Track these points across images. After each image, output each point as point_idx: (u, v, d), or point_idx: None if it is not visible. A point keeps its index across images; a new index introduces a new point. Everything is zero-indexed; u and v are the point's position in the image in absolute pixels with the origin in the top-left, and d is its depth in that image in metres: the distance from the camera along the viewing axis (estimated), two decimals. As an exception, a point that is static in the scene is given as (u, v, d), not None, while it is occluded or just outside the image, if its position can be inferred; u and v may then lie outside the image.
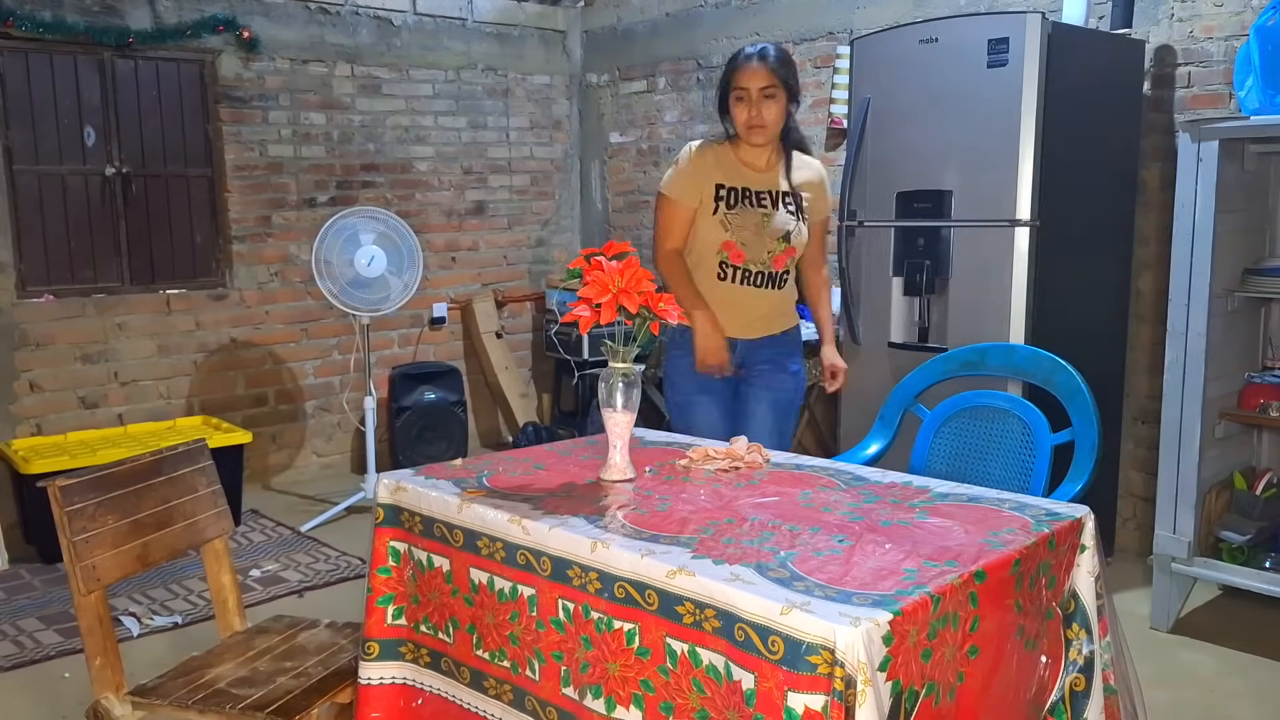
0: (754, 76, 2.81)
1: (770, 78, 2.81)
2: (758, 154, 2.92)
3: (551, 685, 1.66)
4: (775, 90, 2.82)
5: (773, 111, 2.83)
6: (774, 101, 2.82)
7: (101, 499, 2.05)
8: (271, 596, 3.76)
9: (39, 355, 4.63)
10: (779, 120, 2.86)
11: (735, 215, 2.89)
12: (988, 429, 2.55)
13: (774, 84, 2.81)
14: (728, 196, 2.90)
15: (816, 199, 3.00)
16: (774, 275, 2.93)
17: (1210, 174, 3.18)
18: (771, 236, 2.90)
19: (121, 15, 4.68)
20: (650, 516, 1.71)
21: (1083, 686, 1.67)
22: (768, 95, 2.81)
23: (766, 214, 2.90)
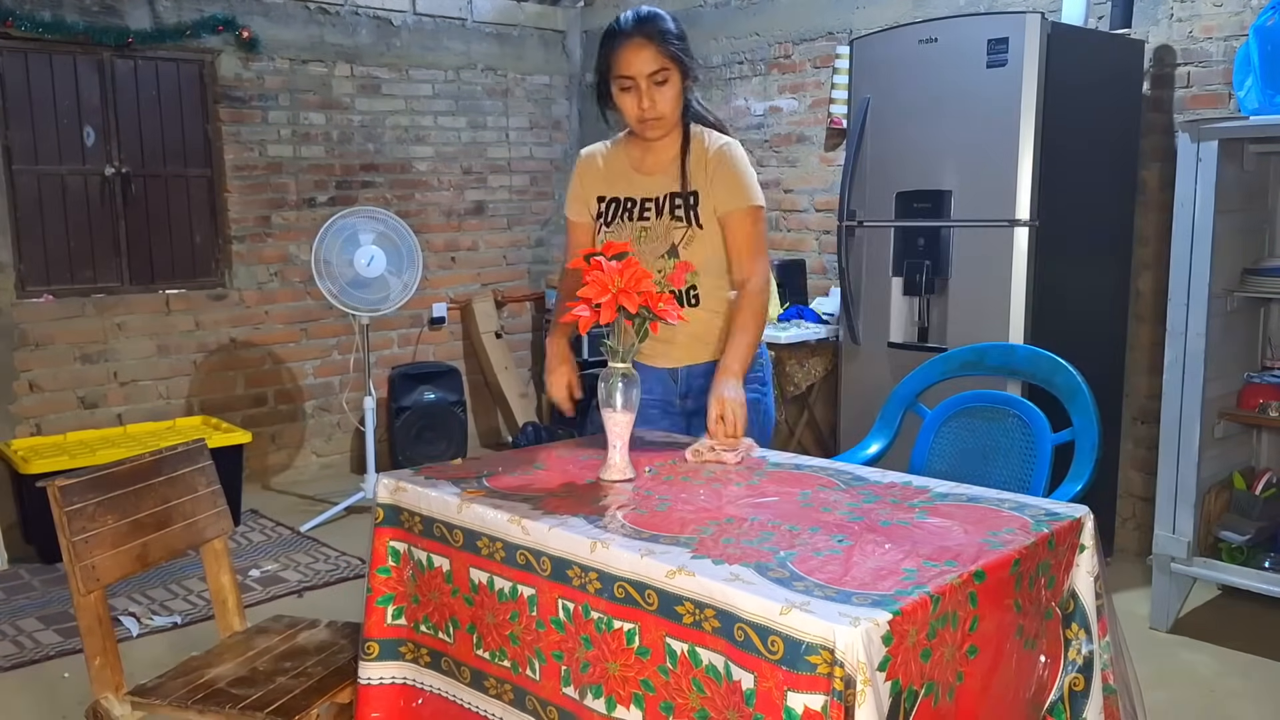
0: (639, 59, 2.27)
1: (659, 58, 2.27)
2: (655, 150, 2.41)
3: (552, 685, 1.66)
4: (668, 73, 2.29)
5: (668, 98, 2.31)
6: (668, 86, 2.30)
7: (101, 499, 2.05)
8: (271, 596, 3.76)
9: (38, 355, 4.63)
10: (676, 106, 2.34)
11: (613, 234, 2.42)
12: (988, 429, 2.55)
13: (665, 65, 2.28)
14: (607, 211, 2.45)
15: (718, 190, 2.35)
16: (677, 294, 2.37)
17: (1210, 174, 3.18)
18: (652, 254, 2.37)
19: (121, 15, 4.68)
20: (650, 516, 1.71)
21: (1082, 686, 1.67)
22: (659, 81, 2.28)
23: (645, 228, 2.39)
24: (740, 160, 2.38)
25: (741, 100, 5.36)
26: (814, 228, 5.09)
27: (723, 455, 2.09)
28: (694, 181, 2.37)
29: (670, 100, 2.32)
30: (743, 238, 2.36)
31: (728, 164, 2.36)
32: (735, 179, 2.36)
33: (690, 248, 2.36)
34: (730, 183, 2.35)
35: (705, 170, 2.36)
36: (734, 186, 2.35)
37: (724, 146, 2.39)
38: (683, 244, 2.36)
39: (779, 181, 5.23)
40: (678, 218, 2.37)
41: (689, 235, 2.37)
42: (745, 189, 2.36)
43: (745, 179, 2.36)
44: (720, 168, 2.36)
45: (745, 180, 2.37)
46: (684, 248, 2.36)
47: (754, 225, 2.37)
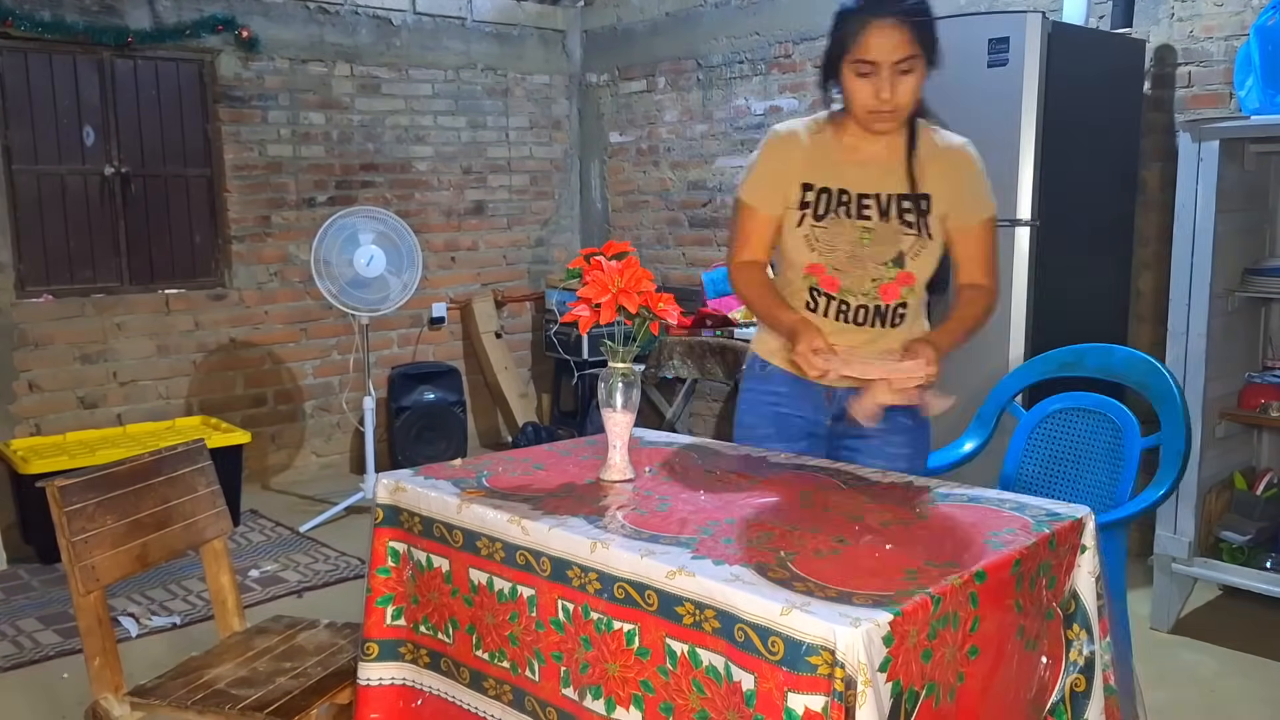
0: (888, 42, 1.97)
1: (910, 44, 1.98)
2: (874, 139, 2.11)
3: (551, 686, 1.65)
4: (915, 61, 2.00)
5: (908, 89, 2.02)
6: (911, 76, 2.01)
7: (100, 499, 2.05)
8: (270, 597, 3.76)
9: (38, 355, 4.63)
10: (915, 94, 2.05)
11: (824, 229, 2.12)
12: (1079, 430, 2.56)
13: (915, 53, 1.99)
14: (816, 202, 2.13)
15: (957, 198, 2.10)
16: (882, 310, 2.13)
17: (1210, 174, 3.18)
18: (875, 260, 2.10)
19: (121, 15, 4.68)
20: (650, 517, 1.70)
21: (1083, 687, 1.66)
22: (904, 70, 2.00)
23: (868, 228, 2.10)
24: (980, 164, 2.14)
25: (742, 100, 5.36)
26: (814, 227, 5.08)
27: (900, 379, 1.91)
28: (924, 183, 2.10)
29: (911, 92, 2.04)
30: (986, 247, 2.14)
31: (969, 168, 2.11)
32: (979, 186, 2.12)
33: (918, 260, 2.10)
34: (973, 190, 2.11)
35: (939, 172, 2.10)
36: (977, 194, 2.12)
37: (963, 147, 2.14)
38: (910, 254, 2.10)
39: (779, 181, 5.22)
40: (907, 223, 2.09)
41: (918, 246, 2.10)
42: (988, 197, 2.14)
43: (987, 186, 2.14)
44: (960, 171, 2.11)
45: (987, 187, 2.14)
46: (911, 259, 2.10)
47: (992, 234, 2.16)
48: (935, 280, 2.18)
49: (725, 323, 4.66)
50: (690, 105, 5.63)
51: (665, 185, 5.82)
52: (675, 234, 5.80)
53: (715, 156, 5.52)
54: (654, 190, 5.89)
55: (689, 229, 5.73)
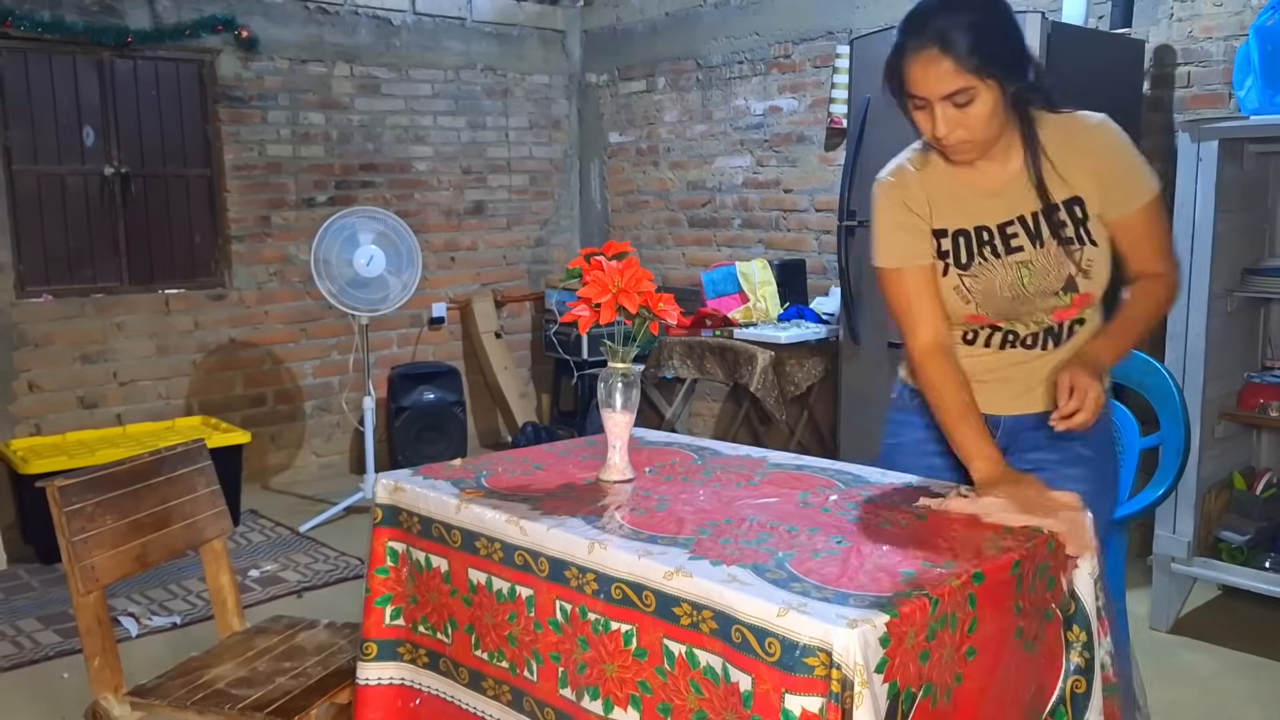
0: (932, 76, 1.69)
1: (958, 74, 1.67)
2: (992, 160, 1.82)
3: (549, 686, 1.66)
4: (973, 91, 1.68)
5: (975, 120, 1.71)
6: (975, 105, 1.70)
7: (100, 499, 2.05)
8: (270, 597, 3.76)
9: (38, 355, 4.63)
10: (990, 121, 1.72)
11: (974, 278, 1.84)
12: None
13: (967, 85, 1.68)
14: (955, 249, 1.85)
15: (1107, 188, 1.79)
16: (1055, 331, 1.87)
17: (1210, 174, 3.18)
18: (1044, 292, 1.82)
19: (120, 15, 4.68)
20: (648, 517, 1.71)
21: (1083, 688, 1.66)
22: (959, 104, 1.70)
23: (1024, 263, 1.80)
24: (1126, 142, 1.81)
25: (741, 100, 5.36)
26: (814, 227, 5.09)
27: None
28: (1066, 185, 1.80)
29: (981, 121, 1.72)
30: (1158, 231, 1.83)
31: (1114, 149, 1.79)
32: (1132, 167, 1.80)
33: (1093, 274, 1.81)
34: (1127, 173, 1.79)
35: (1081, 164, 1.79)
36: (1133, 176, 1.79)
37: (1101, 125, 1.81)
38: (1082, 273, 1.81)
39: (779, 181, 5.23)
40: (1067, 239, 1.79)
41: (1088, 259, 1.80)
42: (1146, 175, 1.80)
43: (1141, 165, 1.81)
44: (1105, 157, 1.78)
45: (1142, 164, 1.81)
46: (1084, 278, 1.81)
47: (1161, 215, 1.84)
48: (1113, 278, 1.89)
49: (725, 323, 4.66)
50: (690, 105, 5.63)
51: (665, 185, 5.82)
52: (675, 234, 5.80)
53: (715, 157, 5.52)
54: (654, 190, 5.89)
55: (689, 229, 5.73)
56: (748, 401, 5.09)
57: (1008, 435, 1.91)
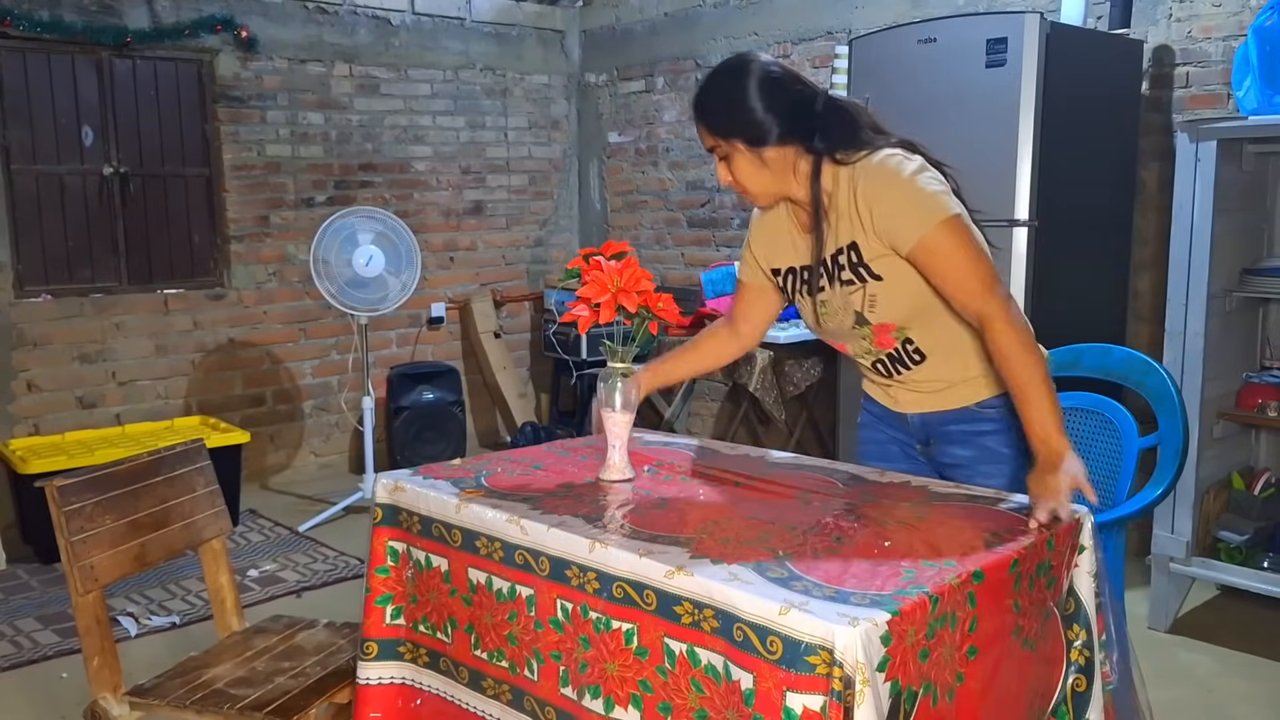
0: (699, 134, 1.95)
1: (708, 138, 1.91)
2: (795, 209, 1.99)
3: (550, 685, 1.66)
4: (724, 149, 1.89)
5: (739, 172, 1.90)
6: (734, 159, 1.89)
7: (99, 499, 2.05)
8: (269, 596, 3.76)
9: (37, 355, 4.63)
10: (755, 175, 1.89)
11: (803, 313, 2.07)
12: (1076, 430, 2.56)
13: (715, 145, 1.90)
14: (785, 284, 2.07)
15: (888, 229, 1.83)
16: (895, 356, 1.98)
17: (1208, 174, 3.18)
18: (841, 327, 1.99)
19: (119, 15, 4.68)
20: (649, 516, 1.71)
21: (1084, 687, 1.66)
22: (721, 157, 1.92)
23: (824, 301, 1.97)
24: (892, 177, 1.83)
25: (740, 100, 5.35)
26: (813, 228, 5.08)
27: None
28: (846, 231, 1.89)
29: (745, 174, 1.90)
30: (945, 268, 1.81)
31: (885, 190, 1.82)
32: (904, 205, 1.81)
33: (878, 307, 1.91)
34: (896, 213, 1.81)
35: (858, 211, 1.86)
36: (903, 215, 1.81)
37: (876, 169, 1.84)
38: (866, 308, 1.91)
39: (778, 181, 5.22)
40: (846, 280, 1.91)
41: (867, 295, 1.90)
42: (920, 211, 1.80)
43: (911, 197, 1.81)
44: (877, 198, 1.83)
45: (912, 198, 1.81)
46: (870, 310, 1.91)
47: (953, 244, 1.79)
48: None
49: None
50: (689, 105, 5.62)
51: (664, 185, 5.82)
52: (674, 234, 5.81)
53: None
54: (652, 190, 5.89)
55: (688, 229, 5.73)
56: (747, 401, 5.09)
57: (924, 429, 2.05)
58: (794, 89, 1.87)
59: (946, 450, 2.02)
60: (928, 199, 1.81)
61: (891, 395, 2.06)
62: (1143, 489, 2.50)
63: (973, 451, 1.98)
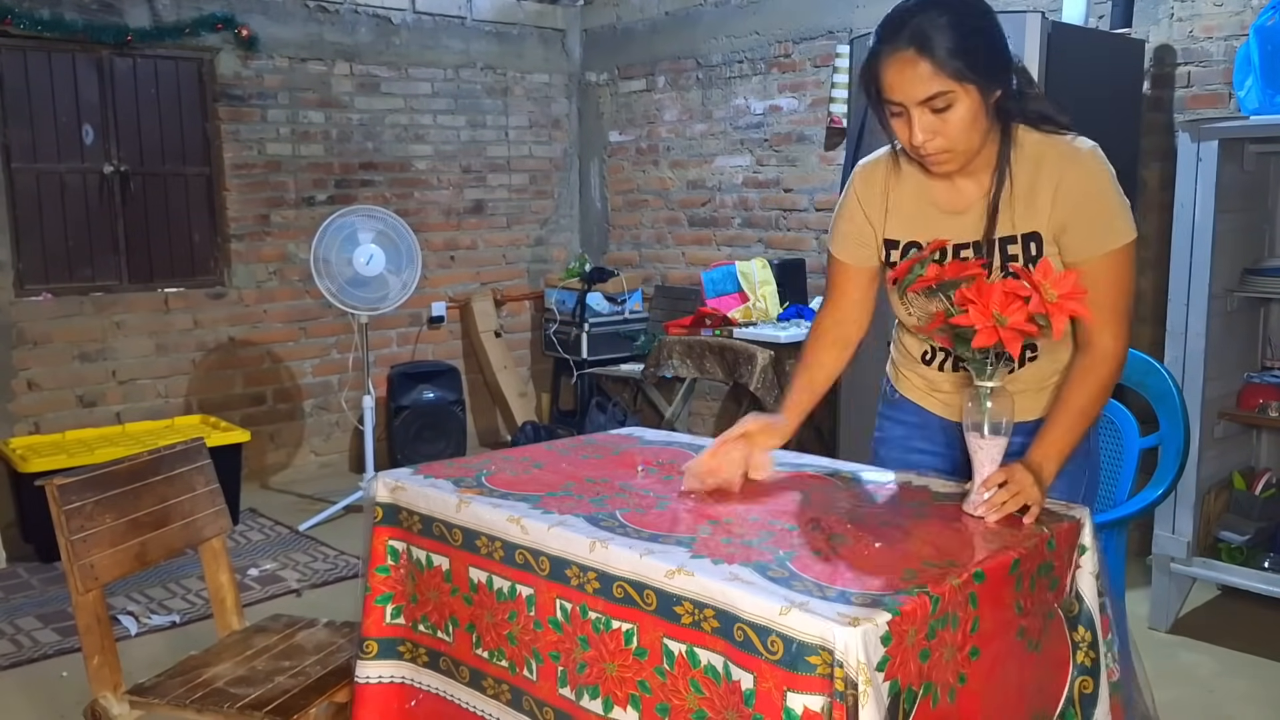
0: (906, 79, 1.62)
1: (935, 77, 1.60)
2: (965, 175, 1.75)
3: (549, 685, 1.65)
4: (951, 95, 1.61)
5: (954, 127, 1.64)
6: (954, 111, 1.63)
7: (99, 498, 2.05)
8: (269, 595, 3.76)
9: (37, 354, 4.63)
10: (970, 129, 1.65)
11: (915, 299, 1.80)
12: None
13: (945, 89, 1.61)
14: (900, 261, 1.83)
15: (1075, 228, 1.69)
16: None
17: (1210, 174, 3.18)
18: None
19: (120, 13, 4.68)
20: (649, 516, 1.70)
21: (1090, 689, 1.66)
22: (937, 109, 1.63)
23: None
24: (1105, 177, 1.68)
25: (741, 99, 5.36)
26: (814, 227, 5.09)
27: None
28: (1028, 216, 1.71)
29: (960, 128, 1.64)
30: (1107, 284, 1.66)
31: (1094, 186, 1.68)
32: (1106, 209, 1.67)
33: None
34: (1099, 214, 1.67)
35: (1050, 193, 1.68)
36: (1105, 219, 1.67)
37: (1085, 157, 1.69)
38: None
39: (779, 181, 5.23)
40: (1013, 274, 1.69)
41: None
42: (1120, 220, 1.68)
43: (1117, 205, 1.68)
44: (1082, 192, 1.67)
45: (1117, 207, 1.68)
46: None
47: (1124, 269, 1.68)
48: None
49: (725, 322, 4.66)
50: (690, 104, 5.62)
51: (665, 184, 5.82)
52: (674, 233, 5.80)
53: (715, 156, 5.52)
54: (653, 189, 5.89)
55: (688, 228, 5.73)
56: (747, 401, 5.09)
57: None
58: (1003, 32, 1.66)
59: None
60: (1127, 213, 1.70)
61: (945, 401, 1.90)
62: (1144, 489, 2.50)
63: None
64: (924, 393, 1.96)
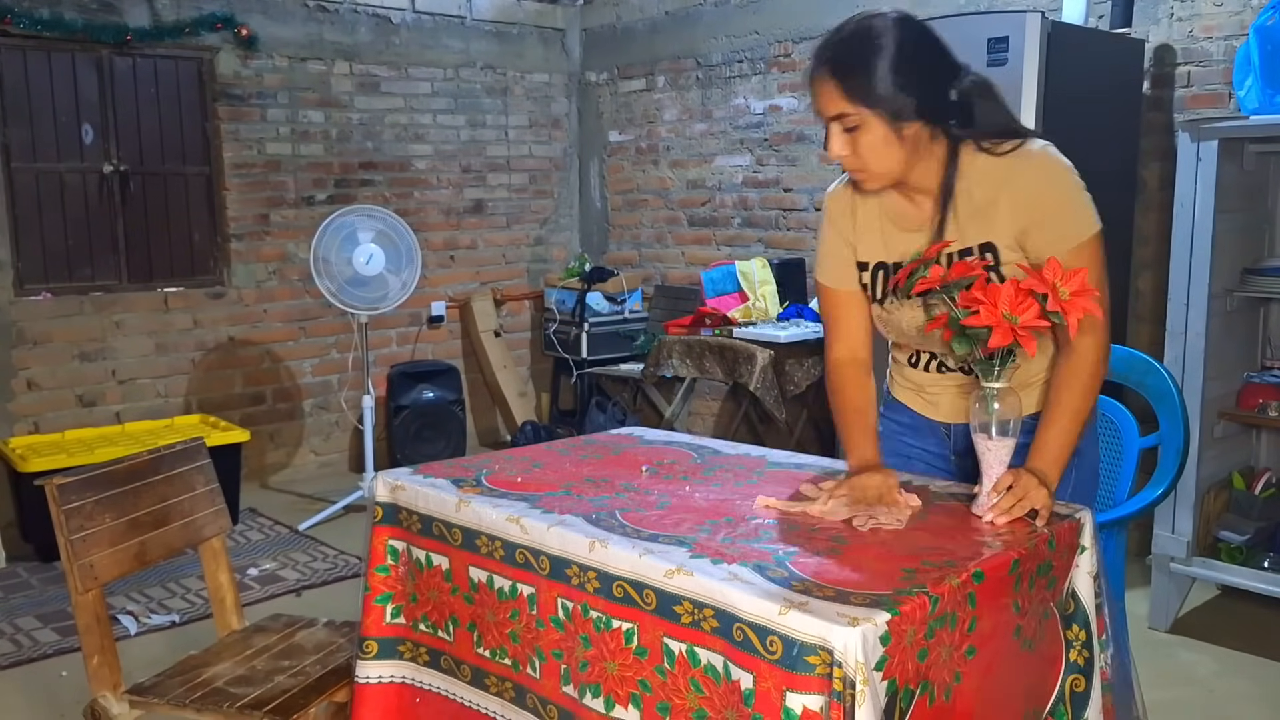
0: (819, 96, 1.70)
1: (840, 102, 1.67)
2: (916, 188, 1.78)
3: (552, 683, 1.65)
4: (857, 119, 1.67)
5: (865, 148, 1.69)
6: (864, 132, 1.68)
7: (99, 497, 2.05)
8: (269, 595, 3.76)
9: (37, 353, 4.63)
10: (882, 153, 1.70)
11: (889, 312, 1.85)
12: None
13: (849, 112, 1.67)
14: (873, 282, 1.86)
15: (1037, 226, 1.71)
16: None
17: (1210, 173, 3.18)
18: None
19: (120, 13, 4.68)
20: (649, 516, 1.70)
21: (1083, 687, 1.66)
22: (848, 128, 1.69)
23: (932, 305, 1.75)
24: (1061, 173, 1.72)
25: (741, 99, 5.36)
26: (814, 227, 5.08)
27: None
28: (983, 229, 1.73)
29: (871, 150, 1.69)
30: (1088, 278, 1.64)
31: (1050, 186, 1.71)
32: (1067, 205, 1.70)
33: None
34: (1059, 212, 1.70)
35: (1008, 204, 1.72)
36: (1066, 216, 1.70)
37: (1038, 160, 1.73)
38: None
39: (779, 180, 5.23)
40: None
41: None
42: (1082, 215, 1.71)
43: (1077, 198, 1.71)
44: (1040, 194, 1.70)
45: (1078, 200, 1.71)
46: None
47: (1093, 263, 1.68)
48: None
49: (725, 322, 4.66)
50: (689, 104, 5.62)
51: (664, 184, 5.82)
52: (674, 233, 5.80)
53: (714, 155, 5.52)
54: (653, 189, 5.89)
55: (688, 228, 5.73)
56: (747, 401, 5.09)
57: (965, 438, 1.86)
58: (944, 58, 1.72)
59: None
60: (1089, 206, 1.72)
61: (932, 402, 1.93)
62: (1143, 489, 2.50)
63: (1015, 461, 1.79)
64: (913, 394, 1.99)
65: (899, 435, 2.03)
